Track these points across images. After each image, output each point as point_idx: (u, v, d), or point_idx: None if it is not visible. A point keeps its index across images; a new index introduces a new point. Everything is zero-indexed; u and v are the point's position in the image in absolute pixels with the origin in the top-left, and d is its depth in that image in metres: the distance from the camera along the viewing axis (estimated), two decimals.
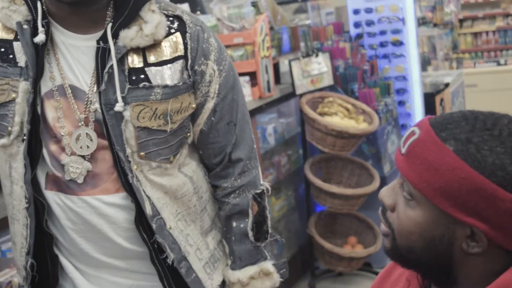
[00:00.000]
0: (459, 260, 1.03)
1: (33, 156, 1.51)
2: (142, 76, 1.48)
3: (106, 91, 1.47)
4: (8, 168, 1.54)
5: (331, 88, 4.05)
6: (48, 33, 1.48)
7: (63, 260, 1.57)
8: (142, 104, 1.48)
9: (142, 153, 1.49)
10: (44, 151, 1.52)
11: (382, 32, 4.65)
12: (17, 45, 1.50)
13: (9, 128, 1.50)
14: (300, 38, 4.19)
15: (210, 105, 1.56)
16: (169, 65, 1.50)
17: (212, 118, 1.57)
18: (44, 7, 1.49)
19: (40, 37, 1.47)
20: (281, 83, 3.96)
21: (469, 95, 6.60)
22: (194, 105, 1.55)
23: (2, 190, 1.62)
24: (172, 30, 1.52)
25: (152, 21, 1.48)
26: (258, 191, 1.63)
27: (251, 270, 1.61)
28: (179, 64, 1.50)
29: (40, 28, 1.47)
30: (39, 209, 1.52)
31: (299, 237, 4.06)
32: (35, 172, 1.51)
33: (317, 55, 3.95)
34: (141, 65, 1.48)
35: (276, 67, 3.86)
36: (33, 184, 1.51)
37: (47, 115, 1.51)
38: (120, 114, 1.47)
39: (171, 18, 1.53)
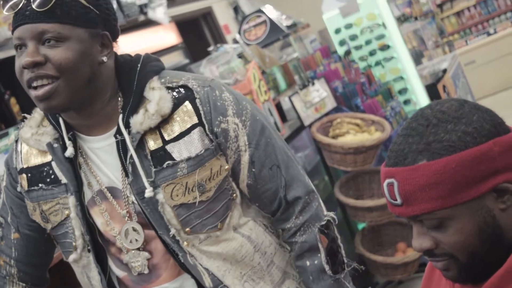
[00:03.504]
0: (506, 221, 1.06)
1: (102, 261, 1.54)
2: (164, 155, 1.44)
3: (135, 181, 1.45)
4: (86, 279, 1.57)
5: (336, 109, 4.10)
6: (76, 145, 1.49)
7: None
8: (172, 183, 1.44)
9: (187, 229, 1.47)
10: (108, 256, 1.55)
11: (368, 42, 4.69)
12: (55, 165, 1.50)
13: (74, 244, 1.52)
14: (293, 72, 4.25)
15: (245, 158, 1.50)
16: (186, 137, 1.45)
17: (253, 170, 1.51)
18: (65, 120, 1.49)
19: (69, 151, 1.47)
20: (288, 120, 4.00)
21: (470, 73, 6.64)
22: (227, 167, 1.49)
23: None
24: (181, 100, 1.47)
25: (154, 98, 1.44)
26: (323, 223, 1.56)
27: None
28: (196, 132, 1.45)
29: (67, 142, 1.47)
30: None
31: (350, 259, 4.07)
32: (109, 277, 1.54)
33: (313, 84, 4.00)
34: (160, 145, 1.45)
35: (278, 106, 3.91)
36: None
37: (96, 222, 1.53)
38: (154, 199, 1.45)
39: (177, 89, 1.48)
